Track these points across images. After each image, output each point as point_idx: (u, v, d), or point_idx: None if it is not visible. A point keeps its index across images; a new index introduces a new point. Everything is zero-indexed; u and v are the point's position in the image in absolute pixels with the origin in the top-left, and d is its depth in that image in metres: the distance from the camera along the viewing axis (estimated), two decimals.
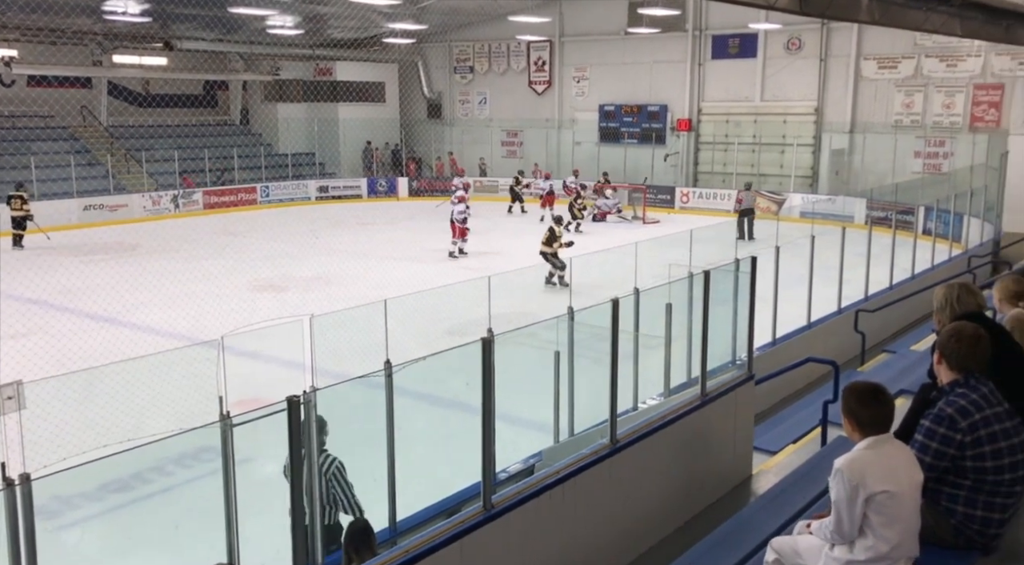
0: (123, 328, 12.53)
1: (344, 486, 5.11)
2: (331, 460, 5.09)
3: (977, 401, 3.45)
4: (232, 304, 13.21)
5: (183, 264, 16.94)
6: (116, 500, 7.33)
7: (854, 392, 3.34)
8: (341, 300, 12.69)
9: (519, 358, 6.21)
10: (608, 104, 28.79)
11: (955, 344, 3.54)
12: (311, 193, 29.16)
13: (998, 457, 3.41)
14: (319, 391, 4.06)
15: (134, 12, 22.38)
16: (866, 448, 3.26)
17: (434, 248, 19.22)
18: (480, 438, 4.67)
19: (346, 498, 5.12)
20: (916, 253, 13.53)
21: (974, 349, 3.52)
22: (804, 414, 8.04)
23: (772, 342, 9.73)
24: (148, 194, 25.50)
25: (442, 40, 31.49)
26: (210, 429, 3.82)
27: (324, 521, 5.02)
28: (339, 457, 5.10)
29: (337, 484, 5.10)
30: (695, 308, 6.76)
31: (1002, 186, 18.24)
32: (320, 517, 5.03)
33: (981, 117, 22.45)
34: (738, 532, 4.91)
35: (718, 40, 26.44)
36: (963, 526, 3.51)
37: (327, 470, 5.08)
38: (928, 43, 22.41)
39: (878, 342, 10.99)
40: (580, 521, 5.29)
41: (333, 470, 5.09)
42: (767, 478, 6.62)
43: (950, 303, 4.14)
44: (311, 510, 4.18)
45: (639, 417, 6.20)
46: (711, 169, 27.33)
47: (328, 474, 5.08)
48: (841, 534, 3.26)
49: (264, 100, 31.25)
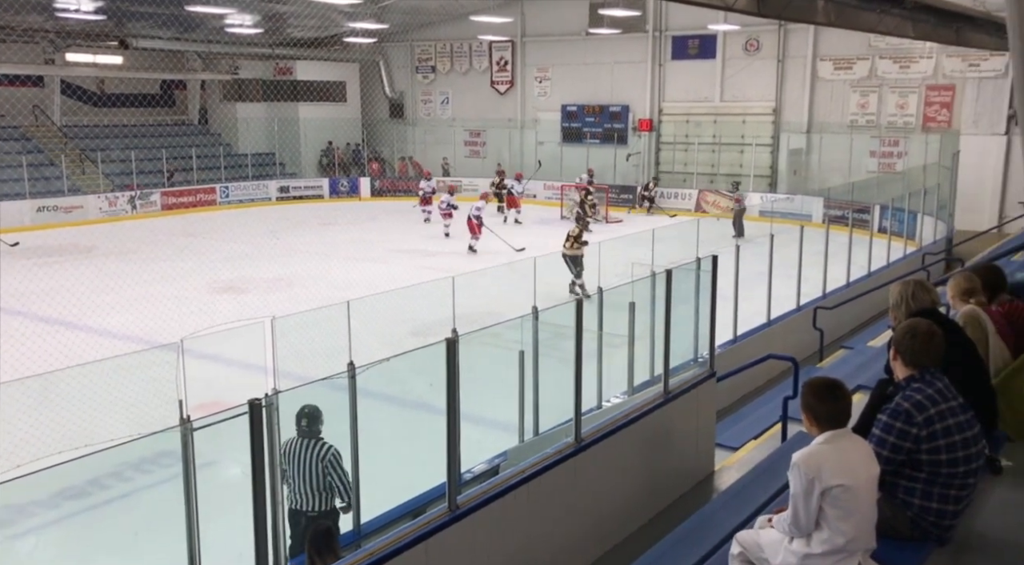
0: (79, 332, 12.27)
1: (340, 473, 5.41)
2: (327, 448, 5.41)
3: (933, 396, 3.53)
4: (192, 306, 13.02)
5: (141, 266, 16.65)
6: (72, 507, 7.18)
7: (812, 388, 3.40)
8: (303, 301, 12.58)
9: (484, 358, 6.20)
10: (570, 104, 28.91)
11: (910, 340, 3.62)
12: (272, 194, 28.84)
13: (952, 450, 3.50)
14: (281, 394, 4.02)
15: (88, 10, 21.91)
16: (823, 443, 3.32)
17: (397, 249, 19.14)
18: (445, 439, 4.66)
19: (342, 485, 5.41)
20: (872, 251, 13.81)
21: (928, 345, 3.60)
22: (765, 410, 8.15)
23: (733, 339, 9.86)
24: (104, 195, 24.99)
25: (404, 39, 31.35)
26: (170, 433, 3.76)
27: (321, 507, 5.43)
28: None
29: (333, 471, 5.39)
30: (658, 307, 6.82)
31: (954, 185, 18.69)
32: (316, 503, 5.40)
33: (933, 117, 22.97)
34: (701, 528, 4.97)
35: (678, 41, 26.70)
36: (919, 518, 3.58)
37: (324, 457, 5.40)
38: (882, 45, 22.87)
39: (836, 338, 11.19)
40: (545, 520, 5.30)
41: (329, 457, 5.41)
42: (729, 474, 6.71)
43: (905, 300, 4.23)
44: (274, 509, 4.14)
45: (603, 416, 6.24)
46: (672, 169, 27.58)
47: (325, 461, 5.39)
48: (798, 527, 3.32)
49: (223, 99, 30.81)
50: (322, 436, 5.45)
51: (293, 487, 5.42)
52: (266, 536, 3.90)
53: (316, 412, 5.39)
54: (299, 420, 5.35)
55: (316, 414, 5.39)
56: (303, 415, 5.33)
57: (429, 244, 20.21)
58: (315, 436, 5.43)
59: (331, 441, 5.64)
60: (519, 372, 6.69)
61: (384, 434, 5.92)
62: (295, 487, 5.42)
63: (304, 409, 5.33)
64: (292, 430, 5.33)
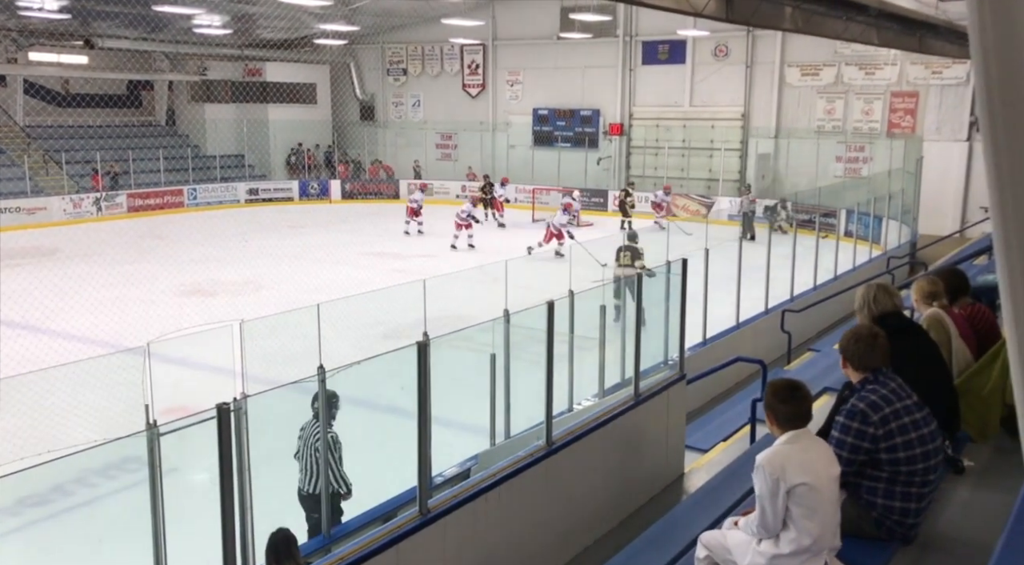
0: (42, 335, 12.05)
1: (333, 458, 5.55)
2: (329, 433, 5.55)
3: (887, 395, 3.60)
4: (158, 310, 12.85)
5: (106, 269, 16.38)
6: (34, 514, 7.04)
7: (773, 389, 3.47)
8: (272, 305, 12.46)
9: (455, 361, 6.20)
10: (542, 108, 28.99)
11: (854, 345, 3.70)
12: (240, 196, 28.55)
13: (909, 447, 3.56)
14: (250, 398, 3.98)
15: (52, 8, 21.56)
16: (785, 443, 3.37)
17: (368, 251, 19.05)
18: (416, 442, 4.64)
19: (332, 470, 5.54)
20: (839, 255, 14.00)
21: (872, 348, 3.67)
22: (733, 412, 8.22)
23: (703, 342, 9.94)
24: (68, 196, 24.57)
25: (374, 42, 31.23)
26: (136, 438, 3.71)
27: (314, 490, 5.63)
28: (271, 463, 5.09)
29: (330, 454, 5.53)
30: (628, 310, 6.85)
31: (918, 190, 19.01)
32: (318, 486, 5.57)
33: (898, 124, 23.36)
34: (670, 530, 5.00)
35: (648, 46, 26.90)
36: (883, 517, 3.64)
37: (321, 440, 5.51)
38: (848, 52, 23.23)
39: (804, 341, 11.32)
40: (517, 523, 5.31)
41: (327, 440, 5.52)
42: (699, 476, 6.76)
43: (867, 303, 4.31)
44: (243, 516, 4.09)
45: (574, 418, 6.26)
46: (643, 173, 27.76)
47: (323, 444, 5.49)
48: (766, 528, 3.36)
49: (191, 101, 30.46)
50: (332, 422, 5.59)
51: (302, 466, 5.64)
52: (234, 543, 3.87)
53: (332, 396, 5.50)
54: (313, 402, 5.52)
55: (331, 399, 5.51)
56: (316, 398, 5.47)
57: (400, 247, 20.14)
58: (329, 422, 5.57)
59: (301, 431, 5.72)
60: (490, 375, 6.68)
61: (355, 438, 5.89)
62: (302, 466, 5.64)
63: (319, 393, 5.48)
64: (267, 432, 5.29)
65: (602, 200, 26.94)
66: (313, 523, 5.60)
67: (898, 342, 4.02)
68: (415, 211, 21.63)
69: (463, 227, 20.20)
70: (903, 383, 3.68)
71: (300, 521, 5.63)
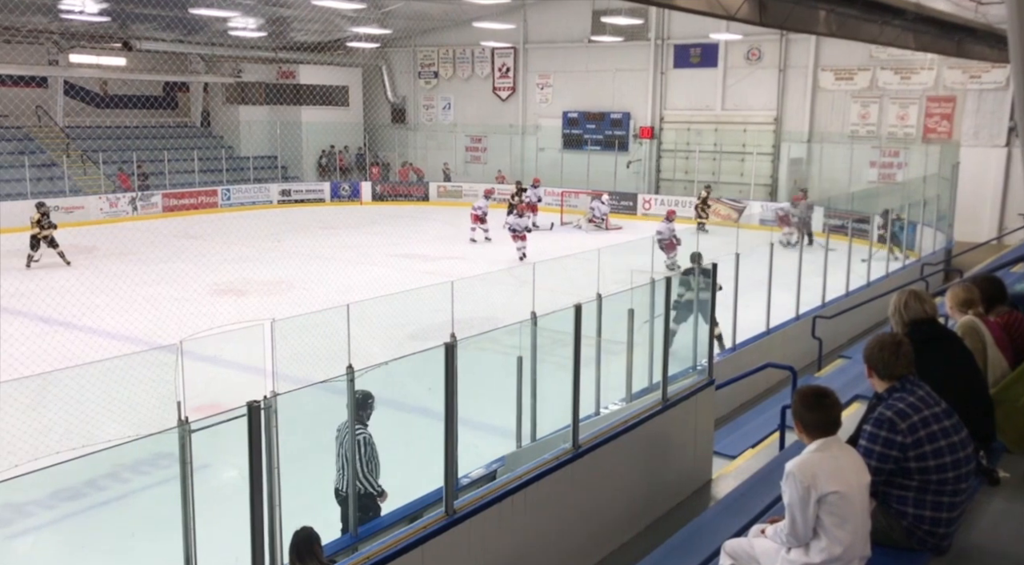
0: (79, 332, 12.27)
1: (364, 459, 5.55)
2: (360, 432, 5.55)
3: (915, 403, 3.55)
4: (191, 308, 13.03)
5: (141, 267, 16.65)
6: (69, 508, 7.17)
7: (801, 396, 3.44)
8: (303, 304, 12.58)
9: (482, 363, 6.21)
10: (572, 111, 28.96)
11: (879, 354, 3.65)
12: (273, 197, 28.86)
13: (939, 455, 3.51)
14: (280, 396, 4.02)
15: (92, 11, 21.95)
16: (815, 450, 3.34)
17: (397, 253, 19.15)
18: (443, 443, 4.66)
19: (363, 470, 5.55)
20: (871, 261, 13.82)
21: (897, 356, 3.62)
22: (763, 419, 8.15)
23: (732, 348, 9.86)
24: (105, 196, 25.02)
25: (406, 45, 31.42)
26: (168, 435, 3.76)
27: (360, 489, 5.57)
28: (300, 461, 5.12)
29: (359, 454, 5.53)
30: (657, 314, 6.82)
31: (954, 196, 18.71)
32: (353, 485, 5.53)
33: (934, 129, 23.01)
34: (696, 536, 4.96)
35: (680, 49, 26.76)
36: (914, 527, 3.59)
37: (356, 438, 5.51)
38: (883, 56, 22.93)
39: (835, 348, 11.19)
40: (542, 526, 5.30)
41: (358, 440, 5.52)
42: (727, 482, 6.70)
43: (899, 310, 4.25)
44: (271, 513, 4.13)
45: (601, 422, 6.24)
46: (673, 176, 27.62)
47: (355, 444, 5.50)
48: (796, 536, 3.32)
49: (225, 102, 30.86)
50: (367, 422, 5.62)
51: (339, 467, 5.65)
52: (263, 539, 3.90)
53: (366, 396, 5.52)
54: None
55: (365, 398, 5.52)
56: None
57: (429, 249, 20.22)
58: (360, 421, 5.57)
59: (328, 445, 5.66)
60: (517, 377, 6.68)
61: (382, 438, 5.92)
62: (340, 467, 5.64)
63: (355, 394, 5.43)
64: (296, 431, 5.33)
65: (631, 204, 26.84)
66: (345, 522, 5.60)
67: (931, 350, 3.97)
68: (480, 218, 20.85)
69: (479, 220, 20.45)
70: (931, 390, 3.62)
71: (328, 519, 5.67)
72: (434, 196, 29.96)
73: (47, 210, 18.43)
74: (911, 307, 4.21)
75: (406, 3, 25.10)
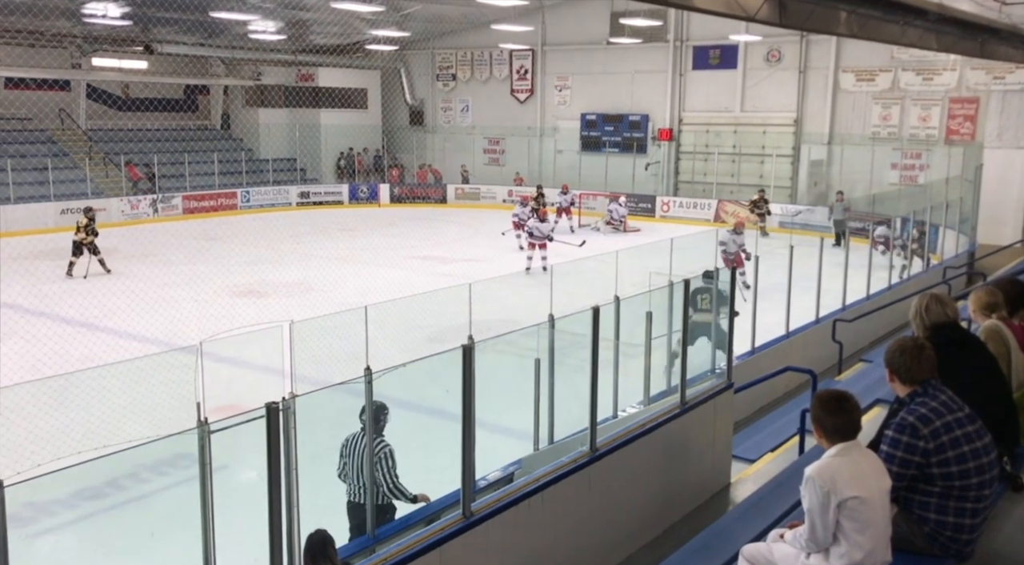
0: (100, 333, 12.39)
1: (384, 470, 5.49)
2: (383, 445, 5.51)
3: (937, 408, 3.50)
4: (211, 309, 13.11)
5: (162, 269, 16.80)
6: (90, 507, 7.24)
7: (820, 400, 3.40)
8: (321, 306, 12.62)
9: (499, 365, 6.20)
10: (590, 113, 28.93)
11: (900, 358, 3.61)
12: (292, 199, 29.04)
13: (962, 461, 3.46)
14: (298, 398, 4.04)
15: (114, 15, 22.21)
16: (835, 455, 3.31)
17: (415, 255, 19.19)
18: (460, 445, 4.66)
19: (385, 482, 5.48)
20: (893, 264, 13.69)
21: (919, 360, 3.58)
22: (782, 423, 8.09)
23: (751, 351, 9.80)
24: (127, 198, 25.27)
25: (425, 47, 31.53)
26: (187, 435, 3.78)
27: (375, 500, 5.49)
28: (318, 463, 5.13)
29: (381, 468, 5.47)
30: (675, 316, 6.79)
31: (977, 199, 18.50)
32: (367, 497, 5.46)
33: (956, 130, 22.77)
34: (715, 541, 4.93)
35: (699, 51, 26.67)
36: (936, 533, 3.55)
37: (376, 453, 5.47)
38: (905, 57, 22.73)
39: (856, 351, 11.09)
40: (559, 529, 5.29)
41: (379, 454, 5.48)
42: (745, 486, 6.66)
43: (920, 313, 4.21)
44: (289, 514, 4.14)
45: (619, 425, 6.22)
46: (691, 179, 27.51)
47: (375, 457, 5.45)
48: (816, 542, 3.29)
49: (245, 105, 31.11)
50: (383, 434, 5.55)
51: (350, 480, 5.59)
52: (281, 540, 3.92)
53: (381, 408, 5.45)
54: (361, 414, 5.44)
55: (381, 409, 5.46)
56: (364, 410, 5.40)
57: (447, 251, 20.27)
58: (379, 432, 5.51)
59: (345, 445, 5.67)
60: (535, 380, 6.68)
61: (399, 440, 5.93)
62: (351, 479, 5.58)
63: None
64: (314, 432, 5.34)
65: (650, 206, 26.77)
66: (357, 532, 5.53)
67: (953, 354, 3.92)
68: (519, 224, 20.98)
69: (519, 227, 20.40)
70: (953, 395, 3.58)
71: (345, 520, 5.69)
72: (452, 198, 30.03)
73: (94, 215, 17.77)
74: (932, 311, 4.17)
75: (424, 6, 25.19)
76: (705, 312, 8.47)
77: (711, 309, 7.98)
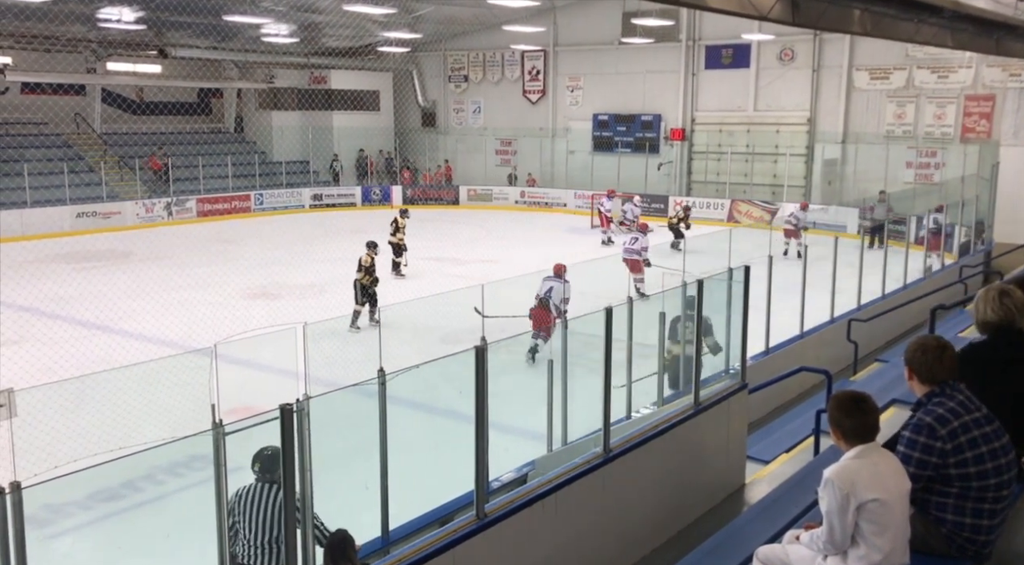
0: (115, 336, 12.48)
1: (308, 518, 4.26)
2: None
3: (955, 408, 3.47)
4: (225, 312, 13.17)
5: (176, 271, 16.89)
6: (106, 509, 7.29)
7: (837, 402, 3.37)
8: (335, 308, 12.67)
9: (512, 366, 6.20)
10: (602, 113, 28.88)
11: (921, 357, 3.57)
12: (305, 201, 29.15)
13: (980, 462, 3.43)
14: (312, 399, 4.05)
15: (128, 20, 22.38)
16: (854, 457, 3.28)
17: (428, 257, 19.21)
18: (473, 447, 4.66)
19: (318, 530, 4.39)
20: (908, 263, 13.59)
21: (940, 360, 3.54)
22: (797, 423, 8.04)
23: (765, 351, 9.75)
24: (141, 201, 25.45)
25: (437, 49, 31.58)
26: (202, 437, 3.80)
27: (275, 562, 4.69)
28: (331, 464, 5.10)
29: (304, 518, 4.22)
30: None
31: (993, 197, 18.35)
32: (270, 558, 4.64)
33: (972, 128, 22.58)
34: (729, 542, 4.90)
35: (711, 50, 26.58)
36: (954, 534, 3.51)
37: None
38: (920, 54, 22.56)
39: (871, 351, 11.02)
40: (573, 530, 5.28)
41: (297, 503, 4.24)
42: (760, 487, 6.62)
43: (987, 306, 4.07)
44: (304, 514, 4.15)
45: (632, 426, 6.20)
46: (704, 178, 27.41)
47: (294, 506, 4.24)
48: (834, 544, 3.27)
49: (258, 108, 31.25)
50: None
51: (246, 540, 4.66)
52: (295, 541, 3.93)
53: (276, 455, 4.24)
54: (254, 464, 4.68)
55: (276, 457, 4.26)
56: (258, 458, 4.64)
57: (460, 252, 20.29)
58: (275, 482, 4.58)
59: (360, 448, 5.66)
60: (548, 381, 6.67)
61: (413, 441, 5.94)
62: (248, 539, 4.65)
63: (265, 451, 4.60)
64: (320, 437, 5.32)
65: (662, 206, 26.68)
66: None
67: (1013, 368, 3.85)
68: (608, 219, 21.23)
69: (608, 223, 20.78)
70: (970, 395, 3.54)
71: (361, 521, 5.69)
72: (464, 200, 30.06)
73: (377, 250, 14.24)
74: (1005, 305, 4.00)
75: (436, 8, 25.24)
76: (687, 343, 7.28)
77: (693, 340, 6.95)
